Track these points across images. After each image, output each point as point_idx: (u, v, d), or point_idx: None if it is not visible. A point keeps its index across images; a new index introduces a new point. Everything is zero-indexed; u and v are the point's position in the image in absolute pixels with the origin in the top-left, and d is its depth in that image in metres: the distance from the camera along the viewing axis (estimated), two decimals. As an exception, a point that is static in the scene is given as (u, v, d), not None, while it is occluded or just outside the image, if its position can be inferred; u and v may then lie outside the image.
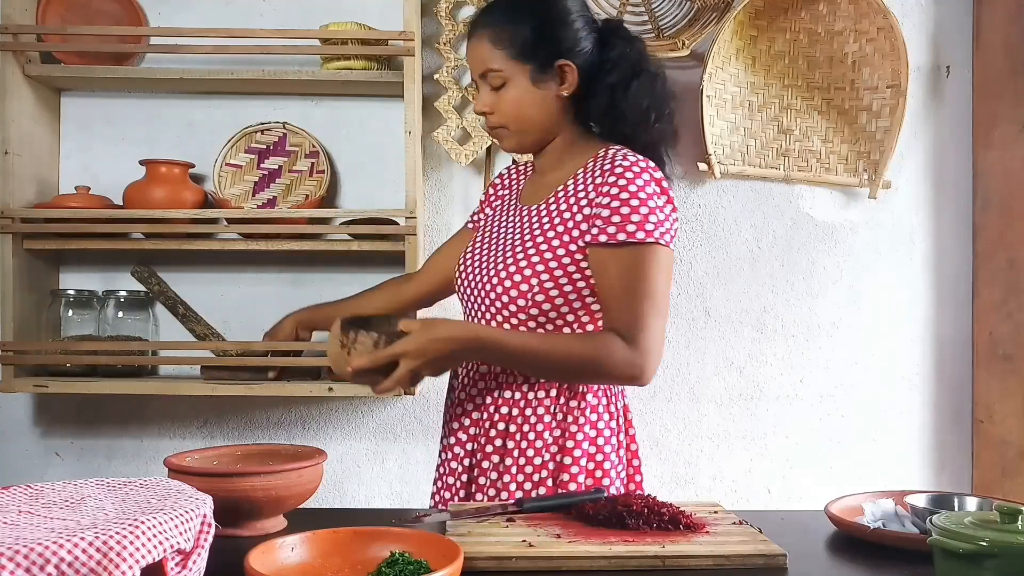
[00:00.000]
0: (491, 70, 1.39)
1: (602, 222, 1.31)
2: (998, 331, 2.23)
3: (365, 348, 1.23)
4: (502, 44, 1.39)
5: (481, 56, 1.40)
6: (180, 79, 2.09)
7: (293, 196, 2.20)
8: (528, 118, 1.41)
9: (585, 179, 1.38)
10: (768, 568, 1.01)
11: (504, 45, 1.38)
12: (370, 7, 2.20)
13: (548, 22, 1.39)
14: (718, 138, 2.23)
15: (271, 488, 1.12)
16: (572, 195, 1.38)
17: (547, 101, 1.40)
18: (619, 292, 1.29)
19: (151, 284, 2.19)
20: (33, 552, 0.72)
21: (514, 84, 1.39)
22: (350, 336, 1.24)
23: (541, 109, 1.41)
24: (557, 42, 1.39)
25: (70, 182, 2.21)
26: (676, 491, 2.27)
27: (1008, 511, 0.88)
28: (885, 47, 2.22)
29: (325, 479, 1.26)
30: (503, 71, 1.39)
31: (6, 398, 2.20)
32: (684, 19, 2.26)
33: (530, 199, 1.48)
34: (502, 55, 1.39)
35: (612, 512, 1.12)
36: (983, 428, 2.28)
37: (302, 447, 1.29)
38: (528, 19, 1.39)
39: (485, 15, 1.43)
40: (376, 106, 2.23)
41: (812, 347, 2.32)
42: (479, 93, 1.44)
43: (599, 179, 1.34)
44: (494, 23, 1.40)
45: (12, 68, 2.03)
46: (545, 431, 1.37)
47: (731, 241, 2.31)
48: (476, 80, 1.44)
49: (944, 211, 2.34)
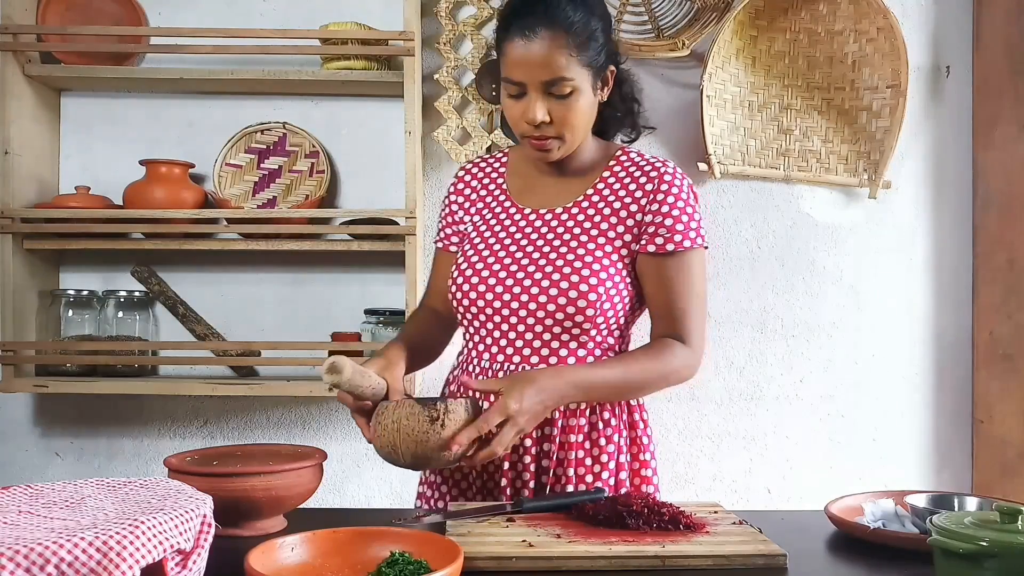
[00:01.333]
0: (563, 79, 1.26)
1: (659, 231, 1.32)
2: (998, 331, 2.23)
3: (459, 418, 1.12)
4: (575, 50, 1.26)
5: (552, 63, 1.25)
6: (180, 79, 2.09)
7: (293, 196, 2.20)
8: (584, 129, 1.34)
9: (621, 184, 1.37)
10: (768, 568, 1.01)
11: (577, 51, 1.26)
12: (370, 7, 2.20)
13: (608, 26, 1.34)
14: (718, 138, 2.23)
15: (271, 488, 1.12)
16: (609, 200, 1.36)
17: (596, 108, 1.35)
18: (674, 297, 1.33)
19: (151, 284, 2.19)
20: (33, 552, 0.72)
21: (582, 94, 1.28)
22: (439, 408, 1.11)
23: (593, 117, 1.35)
24: (610, 47, 1.34)
25: (70, 182, 2.21)
26: (676, 491, 2.27)
27: (1008, 511, 0.88)
28: (885, 47, 2.22)
29: (325, 479, 1.25)
30: (574, 80, 1.27)
31: (6, 398, 2.20)
32: (684, 19, 2.26)
33: (546, 202, 1.39)
34: (576, 62, 1.26)
35: (612, 512, 1.12)
36: (983, 428, 2.28)
37: (302, 447, 1.29)
38: (597, 21, 1.30)
39: (550, 17, 1.25)
40: (376, 106, 2.23)
41: (812, 347, 2.32)
42: (532, 101, 1.28)
43: (648, 187, 1.34)
44: (567, 27, 1.25)
45: (12, 68, 2.03)
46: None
47: (731, 241, 2.31)
48: (528, 85, 1.27)
49: (944, 211, 2.34)
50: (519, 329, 1.33)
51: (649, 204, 1.33)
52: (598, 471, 1.34)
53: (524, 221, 1.39)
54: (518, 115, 1.31)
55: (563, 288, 1.30)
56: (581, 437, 1.34)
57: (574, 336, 1.32)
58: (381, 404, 1.16)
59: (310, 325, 2.22)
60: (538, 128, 1.29)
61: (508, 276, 1.33)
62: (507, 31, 1.28)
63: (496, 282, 1.34)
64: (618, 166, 1.39)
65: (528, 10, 1.26)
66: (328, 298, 2.21)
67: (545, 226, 1.37)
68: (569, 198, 1.38)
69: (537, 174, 1.43)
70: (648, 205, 1.33)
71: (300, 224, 2.07)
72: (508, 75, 1.29)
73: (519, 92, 1.29)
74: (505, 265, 1.34)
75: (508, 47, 1.28)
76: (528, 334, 1.33)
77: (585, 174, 1.40)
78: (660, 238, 1.32)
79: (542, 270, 1.32)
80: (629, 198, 1.35)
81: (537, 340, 1.33)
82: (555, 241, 1.34)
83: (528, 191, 1.43)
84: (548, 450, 1.33)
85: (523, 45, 1.25)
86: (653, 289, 1.34)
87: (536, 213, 1.39)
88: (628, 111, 1.45)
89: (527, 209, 1.40)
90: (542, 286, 1.31)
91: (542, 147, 1.32)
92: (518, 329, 1.33)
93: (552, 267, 1.31)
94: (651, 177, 1.34)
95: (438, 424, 1.10)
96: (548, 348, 1.33)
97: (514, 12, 1.28)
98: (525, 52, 1.25)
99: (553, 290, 1.30)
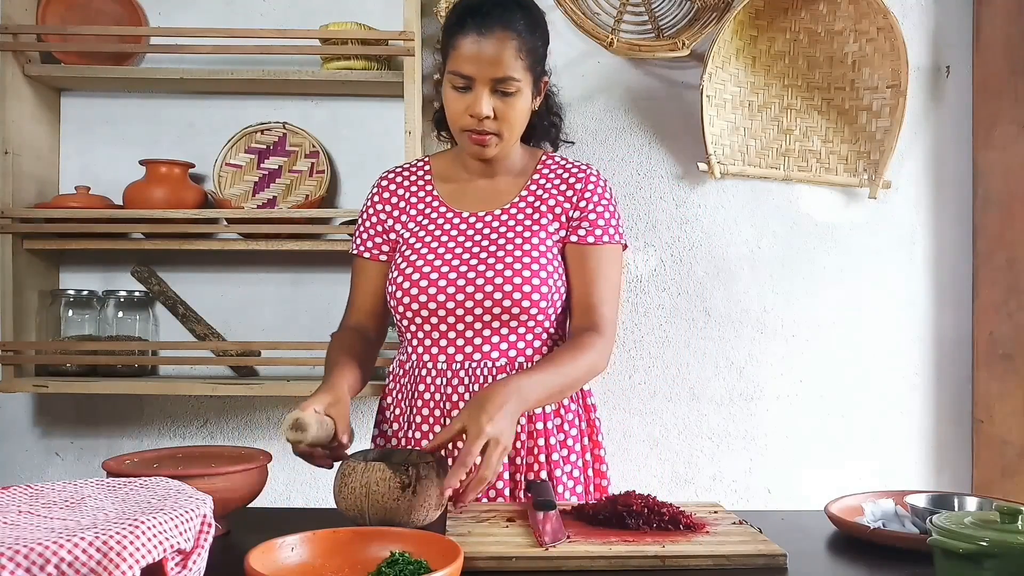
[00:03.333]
0: (511, 78, 1.35)
1: (583, 223, 1.44)
2: (998, 331, 2.23)
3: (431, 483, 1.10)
4: (524, 54, 1.36)
5: (503, 62, 1.34)
6: (180, 79, 2.09)
7: (293, 196, 2.20)
8: (520, 129, 1.43)
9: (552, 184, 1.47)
10: (768, 568, 1.01)
11: (525, 55, 1.36)
12: (370, 7, 2.20)
13: (547, 41, 1.45)
14: (718, 138, 2.23)
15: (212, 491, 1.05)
16: (544, 199, 1.46)
17: (529, 113, 1.44)
18: (592, 287, 1.42)
19: (151, 284, 2.19)
20: (33, 552, 0.72)
21: (523, 95, 1.38)
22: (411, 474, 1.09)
23: (527, 119, 1.44)
24: (546, 59, 1.45)
25: (70, 182, 2.21)
26: (676, 491, 2.27)
27: (1008, 511, 0.88)
28: (885, 47, 2.22)
29: (325, 480, 1.25)
30: (520, 81, 1.36)
31: (6, 398, 2.20)
32: (684, 19, 2.26)
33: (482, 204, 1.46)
34: (522, 65, 1.36)
35: (612, 512, 1.12)
36: (983, 428, 2.28)
37: (246, 449, 1.26)
38: (541, 34, 1.42)
39: (505, 20, 1.35)
40: (376, 106, 2.23)
41: (812, 347, 2.32)
42: (478, 95, 1.35)
43: (577, 186, 1.46)
44: (519, 32, 1.36)
45: (12, 68, 2.03)
46: None
47: (731, 241, 2.31)
48: (476, 80, 1.35)
49: (944, 211, 2.34)
50: (475, 327, 1.39)
51: (578, 200, 1.46)
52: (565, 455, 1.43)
53: (464, 224, 1.45)
54: (461, 109, 1.37)
55: (516, 283, 1.37)
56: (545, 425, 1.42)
57: (526, 327, 1.39)
58: (347, 464, 1.13)
59: (310, 325, 2.22)
60: (480, 123, 1.37)
61: (459, 276, 1.38)
62: (462, 27, 1.35)
63: (447, 283, 1.38)
64: (546, 168, 1.50)
65: (486, 11, 1.35)
66: (328, 298, 2.21)
67: (487, 227, 1.44)
68: (505, 199, 1.47)
69: (467, 178, 1.50)
70: (577, 202, 1.46)
71: (300, 224, 2.07)
72: (457, 69, 1.35)
73: (465, 86, 1.36)
74: (454, 267, 1.39)
75: (461, 42, 1.35)
76: (485, 330, 1.39)
77: (515, 176, 1.49)
78: (583, 230, 1.44)
79: (492, 268, 1.38)
80: (561, 196, 1.46)
81: (492, 333, 1.39)
82: (499, 240, 1.42)
83: (461, 195, 1.49)
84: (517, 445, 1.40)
85: (478, 41, 1.33)
86: (575, 278, 1.44)
87: (475, 216, 1.45)
88: (553, 124, 1.57)
89: (464, 212, 1.46)
90: (495, 283, 1.37)
91: (481, 141, 1.39)
92: (475, 327, 1.38)
93: (502, 264, 1.38)
94: (579, 178, 1.47)
95: (409, 491, 1.09)
96: (501, 339, 1.40)
97: (470, 11, 1.35)
98: (479, 48, 1.33)
99: (507, 286, 1.37)
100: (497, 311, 1.38)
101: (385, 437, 1.48)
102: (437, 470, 1.13)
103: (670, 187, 2.30)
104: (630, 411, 2.29)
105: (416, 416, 1.42)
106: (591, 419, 1.50)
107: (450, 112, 1.40)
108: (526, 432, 1.40)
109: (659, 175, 2.30)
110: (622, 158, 2.29)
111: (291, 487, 2.25)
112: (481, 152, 1.41)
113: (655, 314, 2.29)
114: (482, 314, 1.38)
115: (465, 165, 1.49)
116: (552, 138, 1.59)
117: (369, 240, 1.51)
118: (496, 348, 1.40)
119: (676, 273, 2.30)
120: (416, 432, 1.42)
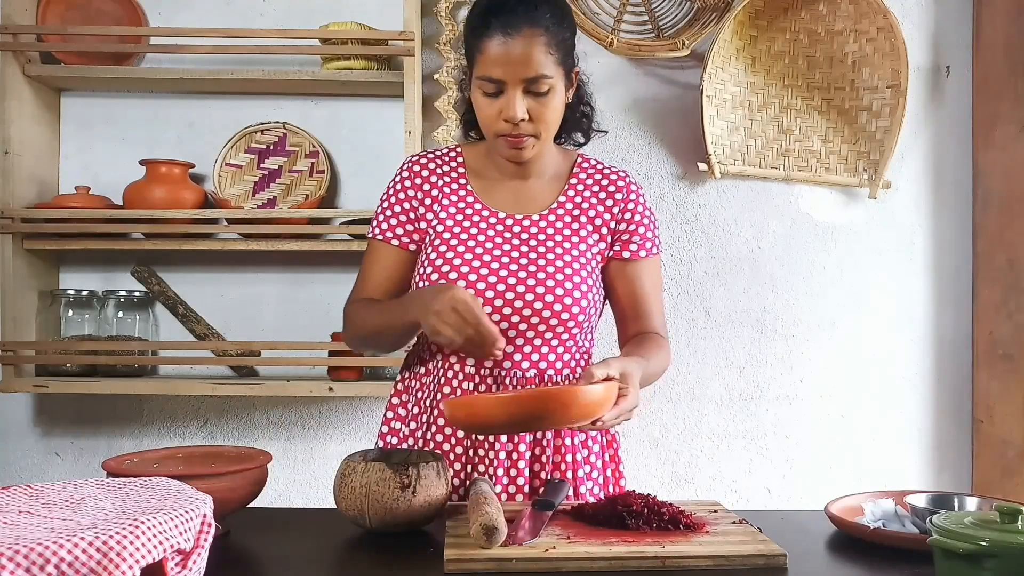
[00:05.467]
0: (543, 76, 1.28)
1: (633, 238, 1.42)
2: (998, 331, 2.23)
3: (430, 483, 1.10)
4: (554, 49, 1.29)
5: (534, 60, 1.27)
6: (180, 79, 2.09)
7: (293, 196, 2.20)
8: (556, 126, 1.37)
9: (591, 192, 1.43)
10: (768, 568, 1.01)
11: (555, 50, 1.29)
12: (370, 7, 2.20)
13: (574, 30, 1.38)
14: (718, 138, 2.23)
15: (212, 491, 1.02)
16: (584, 208, 1.42)
17: (564, 108, 1.37)
18: (651, 299, 1.43)
19: (151, 284, 2.19)
20: (33, 552, 0.72)
21: (557, 92, 1.31)
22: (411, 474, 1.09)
23: (562, 116, 1.38)
24: (574, 48, 1.38)
25: (70, 182, 2.21)
26: (676, 491, 2.27)
27: (1008, 511, 0.88)
28: (885, 47, 2.22)
29: (326, 479, 1.25)
30: (552, 78, 1.29)
31: (6, 398, 2.20)
32: (684, 19, 2.26)
33: (519, 207, 1.41)
34: (553, 60, 1.29)
35: (612, 512, 1.12)
36: (983, 428, 2.28)
37: (246, 449, 1.25)
38: (569, 24, 1.35)
39: (531, 16, 1.28)
40: (376, 106, 2.23)
41: (812, 347, 2.32)
42: (511, 99, 1.29)
43: (618, 196, 1.43)
44: (547, 26, 1.28)
45: (12, 68, 2.03)
46: None
47: (731, 241, 2.31)
48: (507, 83, 1.28)
49: (944, 211, 2.34)
50: (510, 335, 1.34)
51: (621, 213, 1.43)
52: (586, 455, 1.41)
53: (501, 226, 1.39)
54: (494, 114, 1.31)
55: (558, 295, 1.33)
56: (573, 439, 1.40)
57: (560, 339, 1.36)
58: (347, 464, 1.12)
59: (310, 325, 2.22)
60: (516, 126, 1.30)
61: (499, 281, 1.33)
62: (487, 28, 1.28)
63: (486, 287, 1.33)
64: (583, 172, 1.45)
65: (509, 9, 1.27)
66: (328, 298, 2.21)
67: (524, 232, 1.38)
68: (542, 204, 1.42)
69: (499, 176, 1.43)
70: (621, 214, 1.43)
71: (300, 224, 2.07)
72: (486, 73, 1.29)
73: (497, 91, 1.30)
74: (494, 270, 1.34)
75: (487, 44, 1.28)
76: (519, 339, 1.35)
77: (550, 179, 1.44)
78: (634, 245, 1.42)
79: (534, 276, 1.34)
80: (601, 206, 1.43)
81: (525, 343, 1.35)
82: (540, 248, 1.37)
83: (496, 193, 1.42)
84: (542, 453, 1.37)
85: (505, 43, 1.26)
86: (626, 292, 1.43)
87: (512, 218, 1.39)
88: (584, 114, 1.48)
89: (501, 213, 1.40)
90: (537, 292, 1.33)
91: (518, 144, 1.33)
92: (508, 335, 1.33)
93: (543, 273, 1.34)
94: (619, 187, 1.44)
95: (409, 491, 1.08)
96: (534, 349, 1.35)
97: (493, 10, 1.28)
98: (507, 49, 1.26)
99: (549, 296, 1.33)
100: (535, 320, 1.33)
101: (398, 436, 1.44)
102: (437, 470, 1.13)
103: (670, 187, 2.30)
104: (630, 411, 2.28)
105: (440, 419, 1.38)
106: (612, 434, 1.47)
107: (482, 118, 1.34)
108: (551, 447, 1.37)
109: (659, 175, 2.30)
110: (622, 158, 2.29)
111: (291, 487, 2.25)
112: (519, 156, 1.35)
113: (655, 314, 2.29)
114: (519, 322, 1.33)
115: (497, 164, 1.42)
116: (584, 128, 1.49)
117: (397, 226, 1.42)
118: (527, 358, 1.35)
119: (676, 273, 2.30)
120: (438, 435, 1.38)
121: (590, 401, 1.09)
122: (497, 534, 1.00)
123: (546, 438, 1.36)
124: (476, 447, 1.35)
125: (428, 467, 1.11)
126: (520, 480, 1.35)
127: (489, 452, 1.34)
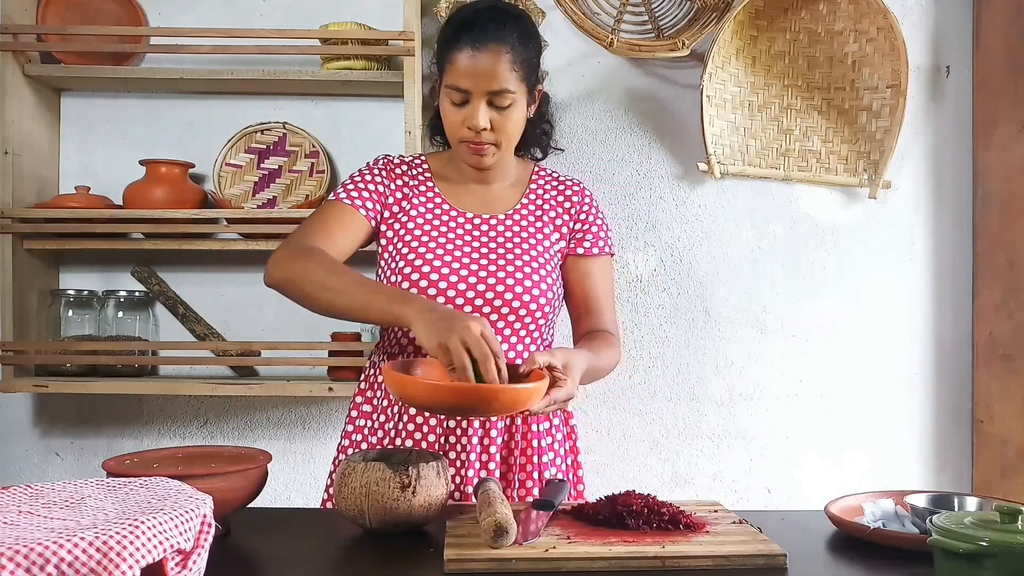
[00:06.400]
0: (506, 91, 1.38)
1: (587, 236, 1.53)
2: (998, 331, 2.23)
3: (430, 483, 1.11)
4: (518, 66, 1.39)
5: (499, 75, 1.37)
6: (180, 79, 2.09)
7: (293, 196, 2.20)
8: (516, 138, 1.46)
9: (550, 195, 1.54)
10: (768, 568, 1.01)
11: (519, 67, 1.39)
12: (370, 7, 2.20)
13: (539, 51, 1.48)
14: (718, 138, 2.23)
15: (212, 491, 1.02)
16: (544, 209, 1.53)
17: (524, 122, 1.48)
18: (602, 296, 1.53)
19: (151, 284, 2.20)
20: (33, 552, 0.72)
21: (518, 106, 1.42)
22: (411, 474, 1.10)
23: (522, 129, 1.48)
24: (539, 70, 1.49)
25: (70, 182, 2.21)
26: (676, 491, 2.27)
27: (1008, 511, 0.88)
28: (885, 47, 2.22)
29: (327, 478, 1.25)
30: (515, 93, 1.40)
31: (6, 398, 2.20)
32: (684, 19, 2.26)
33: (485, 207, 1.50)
34: (516, 77, 1.39)
35: (612, 512, 1.12)
36: (983, 428, 2.28)
37: (246, 448, 1.25)
38: (534, 45, 1.45)
39: (498, 33, 1.37)
40: (376, 106, 2.23)
41: (812, 347, 2.32)
42: (475, 108, 1.39)
43: (574, 199, 1.55)
44: (513, 45, 1.39)
45: (12, 68, 2.03)
46: None
47: (731, 241, 2.30)
48: (472, 93, 1.38)
49: (944, 211, 2.34)
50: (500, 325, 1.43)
51: (577, 214, 1.54)
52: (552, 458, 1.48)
53: (469, 224, 1.48)
54: (459, 121, 1.41)
55: (526, 286, 1.42)
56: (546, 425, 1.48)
57: (527, 329, 1.44)
58: (347, 464, 1.13)
59: (310, 325, 2.20)
60: (478, 134, 1.40)
61: (470, 274, 1.42)
62: (457, 41, 1.38)
63: (458, 279, 1.41)
64: (541, 179, 1.57)
65: (480, 25, 1.38)
66: (328, 298, 2.21)
67: (492, 230, 1.48)
68: (505, 205, 1.52)
69: (464, 181, 1.53)
70: (577, 215, 1.54)
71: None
72: (454, 83, 1.39)
73: (463, 100, 1.40)
74: (464, 264, 1.43)
75: (457, 56, 1.38)
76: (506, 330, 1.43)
77: (511, 185, 1.54)
78: (587, 242, 1.53)
79: (503, 269, 1.43)
80: (560, 208, 1.54)
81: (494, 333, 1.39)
82: (507, 244, 1.47)
83: (461, 195, 1.52)
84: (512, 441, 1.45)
85: (473, 56, 1.37)
86: (579, 289, 1.52)
87: (480, 217, 1.49)
88: (544, 131, 1.60)
89: (469, 213, 1.49)
90: (507, 284, 1.42)
91: (479, 151, 1.43)
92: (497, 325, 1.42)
93: (512, 266, 1.43)
94: (575, 191, 1.56)
95: (409, 491, 1.09)
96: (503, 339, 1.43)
97: (465, 26, 1.39)
98: (474, 63, 1.37)
99: (518, 288, 1.42)
100: (506, 311, 1.42)
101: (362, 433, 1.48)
102: (437, 470, 1.13)
103: (670, 187, 2.30)
104: (630, 411, 2.29)
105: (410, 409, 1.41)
106: (571, 426, 1.56)
107: (448, 124, 1.44)
108: (520, 433, 1.45)
109: (659, 175, 2.30)
110: (622, 158, 2.29)
111: (291, 487, 2.25)
112: (479, 162, 1.45)
113: (655, 314, 2.29)
114: (489, 313, 1.41)
115: (461, 170, 1.52)
116: (543, 145, 1.62)
117: (367, 199, 1.47)
118: None
119: (676, 273, 2.30)
120: (409, 424, 1.41)
121: (513, 398, 1.14)
122: (507, 536, 1.00)
123: (515, 424, 1.44)
124: (448, 434, 1.41)
125: (428, 467, 1.12)
126: (492, 465, 1.41)
127: (462, 438, 1.41)
